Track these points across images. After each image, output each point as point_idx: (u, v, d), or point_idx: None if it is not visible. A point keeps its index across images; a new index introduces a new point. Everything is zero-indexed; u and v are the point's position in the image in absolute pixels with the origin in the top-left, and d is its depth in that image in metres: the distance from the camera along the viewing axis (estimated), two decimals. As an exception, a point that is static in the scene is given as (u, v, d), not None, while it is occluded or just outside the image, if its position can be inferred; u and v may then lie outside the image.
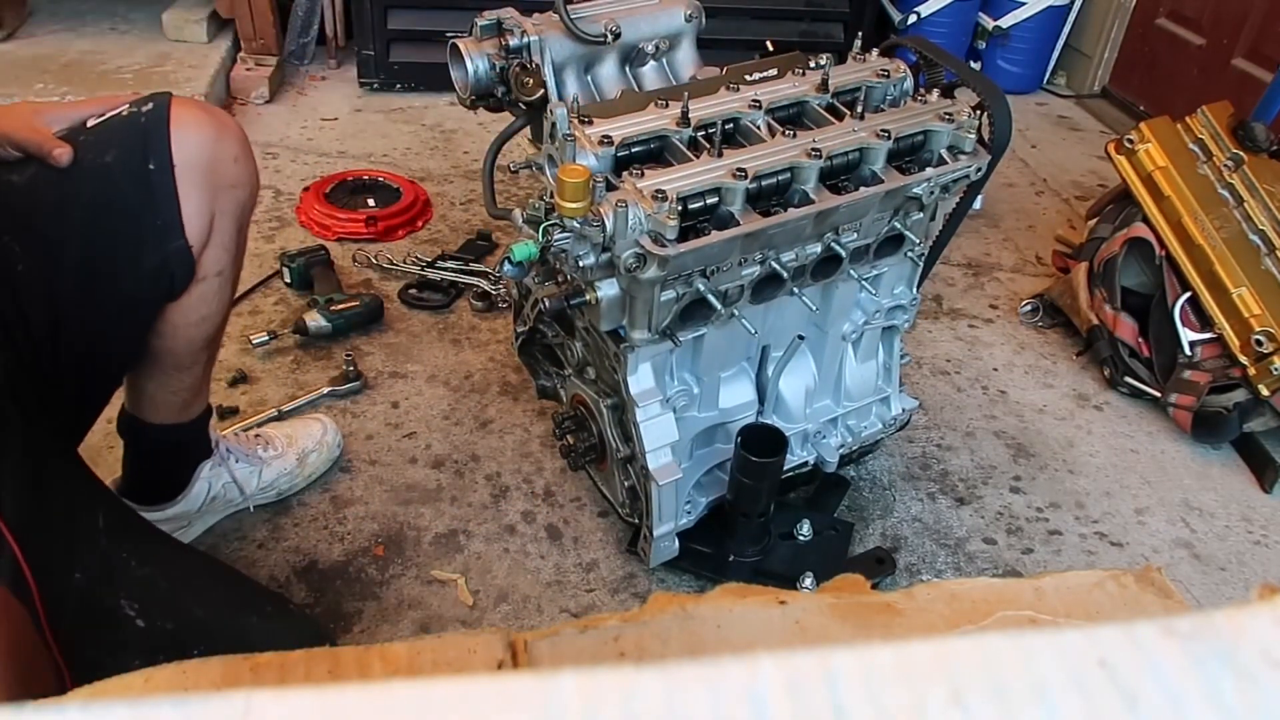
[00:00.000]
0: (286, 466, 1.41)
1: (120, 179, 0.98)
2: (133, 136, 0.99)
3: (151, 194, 1.00)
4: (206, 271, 1.08)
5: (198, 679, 0.39)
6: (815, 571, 1.31)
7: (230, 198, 1.07)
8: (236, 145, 1.06)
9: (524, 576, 1.35)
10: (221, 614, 1.00)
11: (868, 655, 0.23)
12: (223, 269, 1.10)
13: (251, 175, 1.10)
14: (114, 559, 0.94)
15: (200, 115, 1.03)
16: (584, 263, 1.05)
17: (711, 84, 1.19)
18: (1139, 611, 0.48)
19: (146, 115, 1.00)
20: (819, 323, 1.32)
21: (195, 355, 1.16)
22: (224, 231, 1.07)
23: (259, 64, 2.74)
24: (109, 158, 0.98)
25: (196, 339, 1.14)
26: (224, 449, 1.34)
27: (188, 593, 0.99)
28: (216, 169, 1.04)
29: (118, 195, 0.99)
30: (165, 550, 1.06)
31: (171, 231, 1.02)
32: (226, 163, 1.05)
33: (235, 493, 1.35)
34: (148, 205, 1.00)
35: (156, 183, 0.99)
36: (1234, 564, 1.48)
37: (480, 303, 1.89)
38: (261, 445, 1.40)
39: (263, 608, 1.08)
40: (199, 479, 1.30)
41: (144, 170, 0.99)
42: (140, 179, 0.99)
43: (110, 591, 0.91)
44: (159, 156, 0.99)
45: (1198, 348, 1.71)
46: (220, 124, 1.05)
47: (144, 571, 0.96)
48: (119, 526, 0.99)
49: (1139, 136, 1.82)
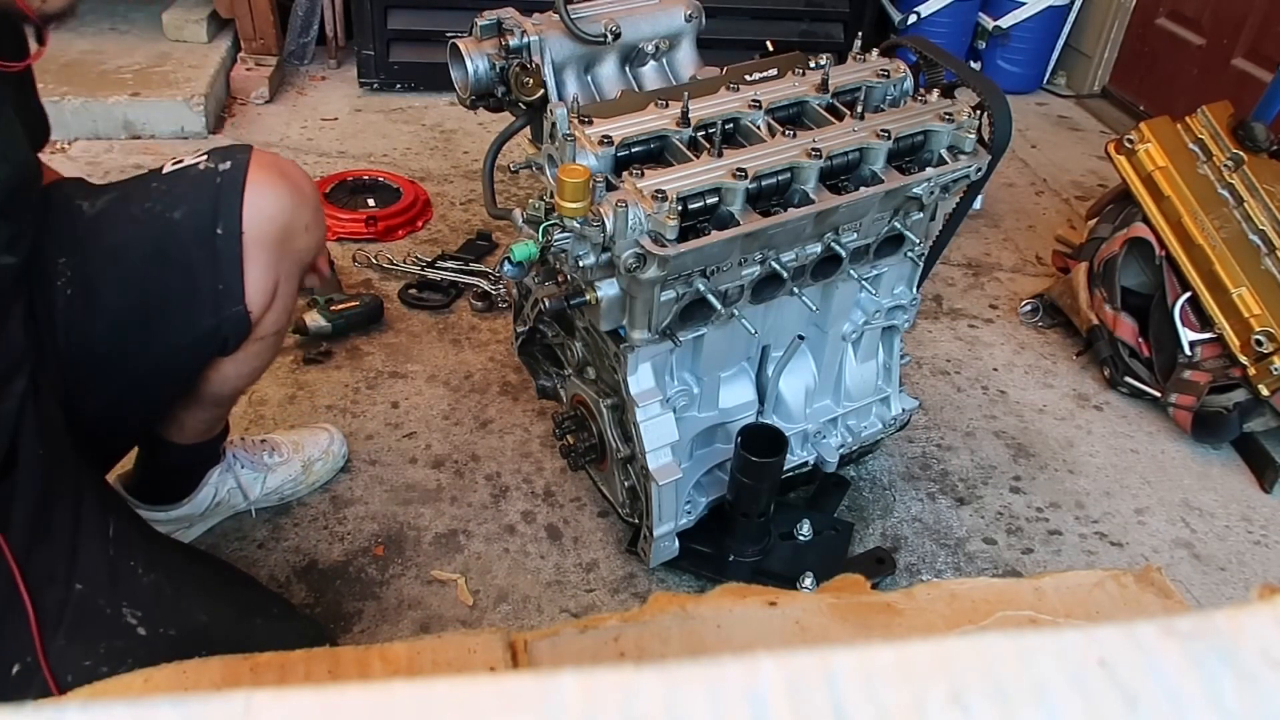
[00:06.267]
0: (291, 473, 1.41)
1: (185, 237, 0.97)
2: (205, 196, 0.97)
3: (215, 258, 0.98)
4: (265, 332, 1.07)
5: (198, 679, 0.39)
6: (815, 571, 1.31)
7: (297, 262, 1.06)
8: (310, 213, 1.04)
9: (524, 576, 1.35)
10: (226, 619, 1.00)
11: (868, 655, 0.23)
12: (280, 328, 1.10)
13: (321, 241, 1.09)
14: (120, 567, 0.94)
15: (278, 181, 1.00)
16: (584, 263, 1.05)
17: (711, 84, 1.19)
18: (1139, 611, 0.48)
19: (223, 175, 0.98)
20: (819, 323, 1.32)
21: (233, 396, 1.19)
22: (286, 296, 1.06)
23: (259, 64, 2.74)
24: (178, 214, 0.97)
25: (241, 386, 1.16)
26: (231, 455, 1.34)
27: (193, 599, 0.99)
28: (288, 239, 1.02)
29: (179, 252, 0.97)
30: (173, 557, 1.05)
31: (231, 298, 1.00)
32: (299, 232, 1.03)
33: (239, 498, 1.36)
34: (209, 268, 0.98)
35: (221, 247, 0.98)
36: (1234, 564, 1.48)
37: (480, 303, 1.89)
38: (268, 451, 1.40)
39: (269, 610, 1.08)
40: (206, 484, 1.31)
41: (210, 233, 0.97)
42: (206, 242, 0.97)
43: (112, 600, 0.91)
44: (228, 221, 0.97)
45: (1198, 348, 1.71)
46: (297, 190, 1.02)
47: (150, 578, 0.95)
48: (128, 535, 0.98)
49: (1139, 136, 1.82)
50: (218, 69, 2.59)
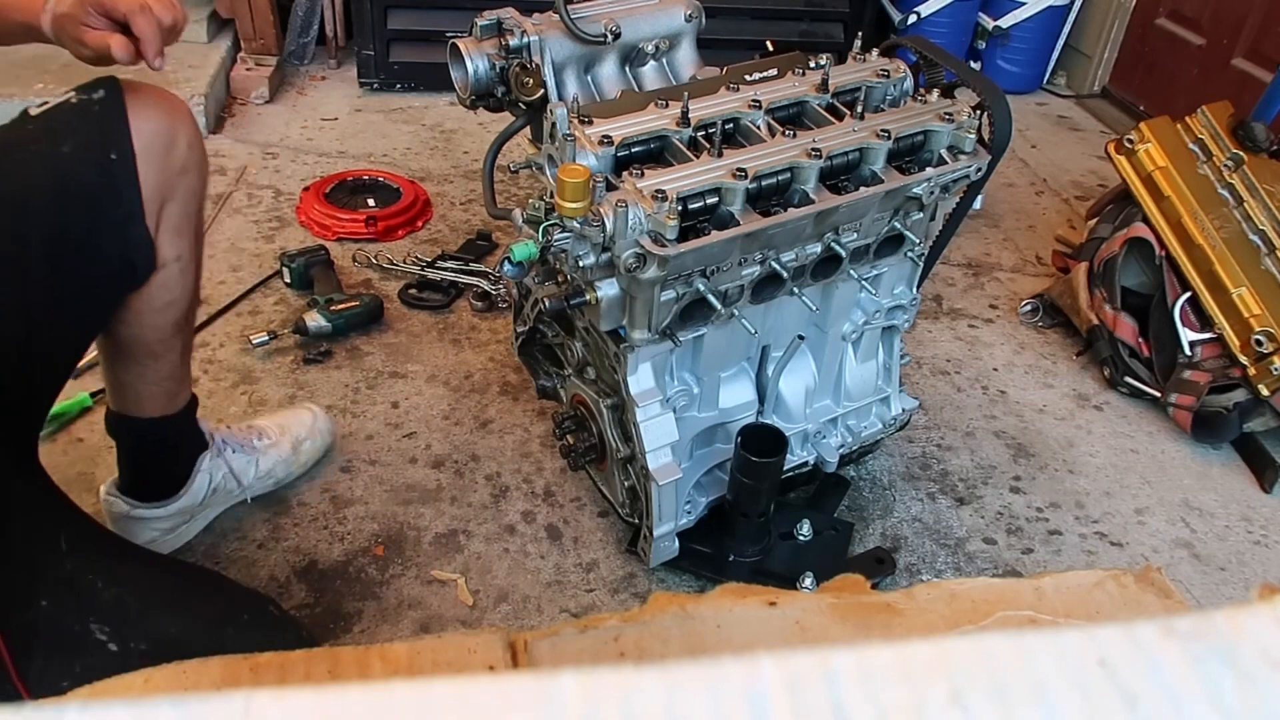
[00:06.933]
0: (282, 454, 1.41)
1: (81, 170, 0.97)
2: (89, 126, 0.98)
3: (113, 184, 0.99)
4: (167, 257, 1.07)
5: (198, 679, 0.39)
6: (815, 571, 1.31)
7: (183, 184, 1.06)
8: (190, 130, 1.06)
9: (524, 576, 1.35)
10: (196, 629, 0.98)
11: (868, 655, 0.23)
12: (180, 254, 1.09)
13: (203, 159, 1.09)
14: (80, 582, 0.92)
15: (155, 100, 1.02)
16: (584, 263, 1.05)
17: (711, 84, 1.19)
18: (1139, 611, 0.48)
19: (101, 104, 0.98)
20: (819, 323, 1.32)
21: (166, 343, 1.16)
22: (174, 217, 1.06)
23: (259, 64, 2.74)
24: (66, 148, 0.96)
25: (163, 325, 1.13)
26: (219, 440, 1.34)
27: (160, 610, 0.97)
28: (172, 156, 1.03)
29: (78, 186, 0.97)
30: (134, 568, 1.03)
31: (134, 220, 1.01)
32: (181, 149, 1.04)
33: (233, 484, 1.35)
34: (110, 195, 0.99)
35: (118, 172, 0.98)
36: (1234, 564, 1.48)
37: (480, 303, 1.89)
38: (255, 435, 1.40)
39: (238, 617, 1.05)
40: (199, 471, 1.30)
41: (105, 160, 0.98)
42: (103, 170, 0.98)
43: (79, 617, 0.89)
44: (119, 146, 0.98)
45: (1198, 348, 1.71)
46: (174, 109, 1.04)
47: (112, 593, 0.93)
48: (83, 548, 0.96)
49: (1139, 136, 1.82)
50: (218, 69, 2.59)
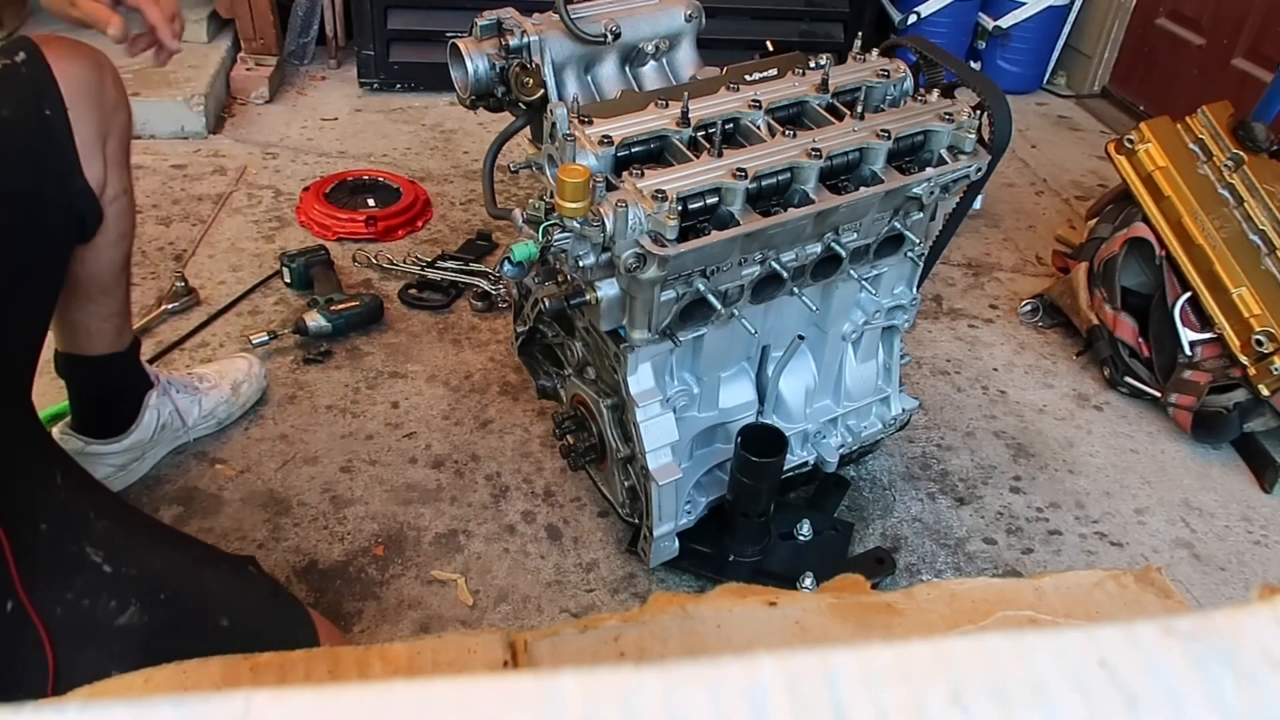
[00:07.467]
0: (223, 395, 1.53)
1: (21, 131, 1.01)
2: (20, 86, 1.01)
3: (52, 139, 1.03)
4: (115, 193, 1.13)
5: (198, 679, 0.39)
6: (815, 571, 1.31)
7: (117, 119, 1.12)
8: (111, 69, 1.11)
9: (524, 576, 1.35)
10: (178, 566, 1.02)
11: (868, 655, 0.23)
12: (126, 187, 1.16)
13: (125, 95, 1.15)
14: (74, 512, 0.97)
15: (74, 53, 1.06)
16: (584, 263, 1.05)
17: (711, 84, 1.19)
18: (1139, 611, 0.48)
19: (25, 65, 1.02)
20: (819, 323, 1.32)
21: (117, 277, 1.23)
22: (116, 153, 1.12)
23: (259, 64, 2.74)
24: (5, 111, 1.00)
25: (117, 259, 1.20)
26: (165, 381, 1.45)
27: (145, 546, 1.01)
28: (103, 95, 1.08)
29: (20, 148, 1.01)
30: (121, 508, 1.09)
31: (74, 171, 1.06)
32: (110, 87, 1.10)
33: (179, 422, 1.46)
34: (51, 151, 1.03)
35: (55, 127, 1.03)
36: (1234, 564, 1.48)
37: (480, 303, 1.89)
38: (197, 379, 1.52)
39: (218, 565, 1.09)
40: (148, 408, 1.40)
41: (41, 117, 1.01)
42: (42, 127, 1.02)
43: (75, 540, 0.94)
44: (51, 101, 1.02)
45: (1198, 348, 1.71)
46: (92, 53, 1.09)
47: (103, 524, 0.98)
48: (75, 483, 1.01)
49: (1139, 136, 1.82)
50: (217, 69, 2.59)
